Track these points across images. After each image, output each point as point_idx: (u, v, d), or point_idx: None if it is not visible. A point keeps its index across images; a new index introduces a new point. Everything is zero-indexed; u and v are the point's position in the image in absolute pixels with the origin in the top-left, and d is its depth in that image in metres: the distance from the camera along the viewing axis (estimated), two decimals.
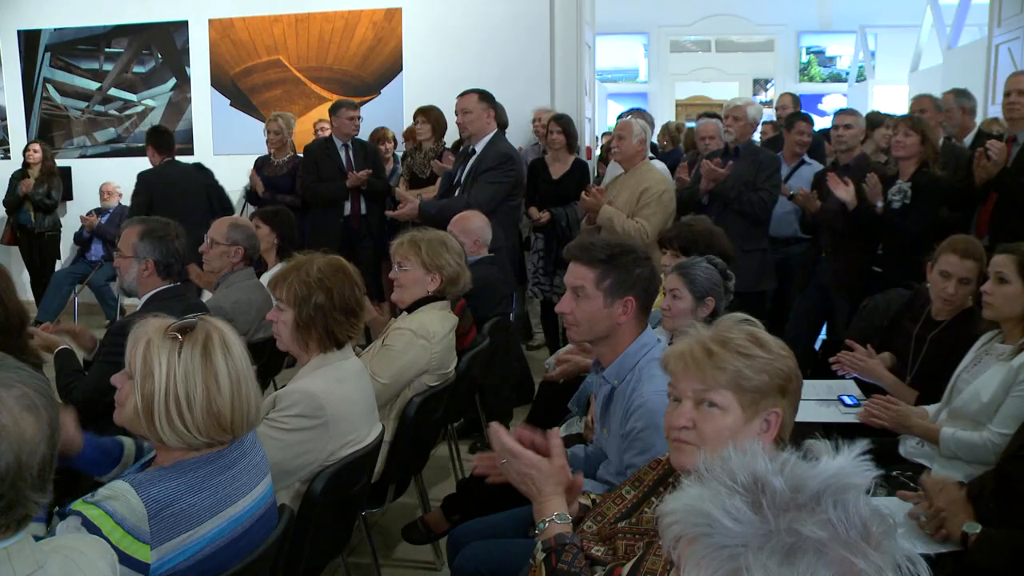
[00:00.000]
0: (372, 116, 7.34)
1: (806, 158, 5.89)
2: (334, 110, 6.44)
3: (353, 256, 4.64)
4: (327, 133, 6.99)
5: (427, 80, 7.49)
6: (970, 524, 2.33)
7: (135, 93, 8.59)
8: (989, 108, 7.44)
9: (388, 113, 7.72)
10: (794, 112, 6.43)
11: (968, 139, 5.75)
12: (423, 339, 3.32)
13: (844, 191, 4.62)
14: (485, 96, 5.24)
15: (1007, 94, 4.54)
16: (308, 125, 7.89)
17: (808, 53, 15.66)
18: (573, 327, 2.53)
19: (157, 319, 1.88)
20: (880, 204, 4.54)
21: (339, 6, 7.92)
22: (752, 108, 5.33)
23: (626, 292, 2.46)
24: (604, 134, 8.95)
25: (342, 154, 6.43)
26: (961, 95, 5.84)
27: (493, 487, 2.44)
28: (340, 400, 2.58)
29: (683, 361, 1.74)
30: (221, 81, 8.30)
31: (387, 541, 3.76)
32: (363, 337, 4.51)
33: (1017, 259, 2.94)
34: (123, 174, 8.27)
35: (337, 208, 6.37)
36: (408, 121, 7.21)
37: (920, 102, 5.70)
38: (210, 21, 8.23)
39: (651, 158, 5.62)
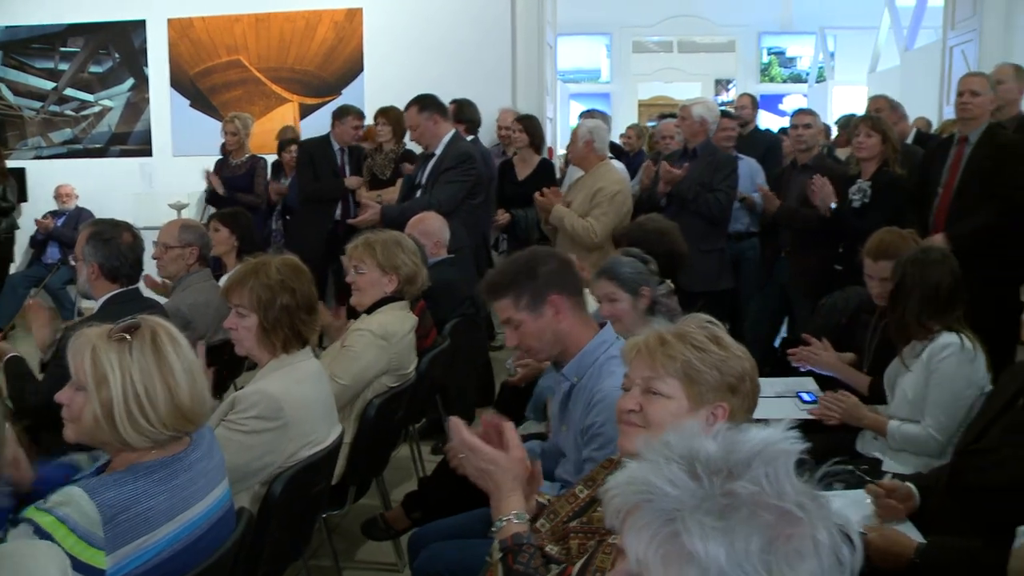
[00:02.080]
0: None
1: (740, 155, 5.96)
2: (340, 115, 6.41)
3: (336, 259, 4.60)
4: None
5: (388, 80, 7.47)
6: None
7: (92, 93, 8.48)
8: (944, 109, 7.58)
9: None
10: (721, 111, 6.50)
11: (909, 139, 5.89)
12: (382, 340, 3.31)
13: (827, 194, 4.68)
14: (425, 105, 5.22)
15: (959, 95, 4.61)
16: (269, 126, 7.84)
17: (769, 54, 15.82)
18: (531, 353, 2.58)
19: (94, 328, 1.86)
20: (834, 206, 4.60)
21: (300, 6, 7.88)
22: (699, 107, 5.35)
23: (545, 296, 2.45)
24: None
25: (338, 157, 6.43)
26: (890, 99, 6.00)
27: (454, 486, 2.44)
28: (299, 401, 2.57)
29: (637, 349, 1.80)
30: (180, 81, 8.22)
31: (349, 543, 3.75)
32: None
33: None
34: (79, 176, 8.18)
35: (328, 210, 6.35)
36: (369, 121, 7.18)
37: (876, 102, 5.82)
38: (169, 20, 8.15)
39: (611, 158, 5.64)
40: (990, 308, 3.00)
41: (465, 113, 6.35)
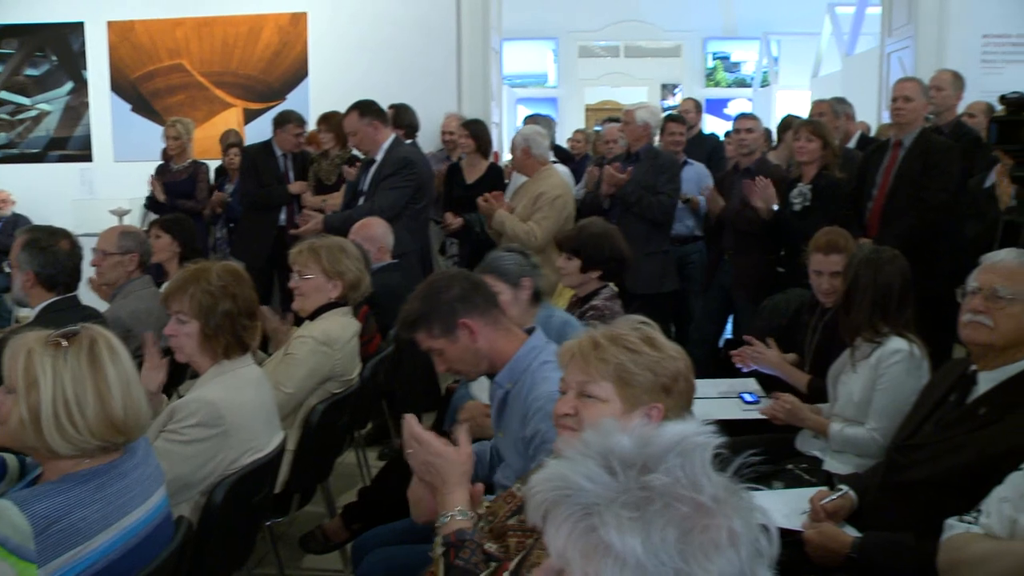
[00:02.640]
0: None
1: (688, 159, 6.04)
2: (281, 122, 6.37)
3: (282, 265, 4.57)
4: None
5: (333, 85, 7.42)
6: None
7: (28, 97, 8.29)
8: (883, 114, 7.73)
9: None
10: (667, 115, 6.58)
11: (852, 142, 5.99)
12: (325, 346, 3.30)
13: (760, 200, 4.74)
14: (365, 111, 5.19)
15: (893, 100, 4.71)
16: (212, 131, 7.75)
17: (714, 59, 16.03)
18: (462, 375, 2.62)
19: (34, 332, 1.84)
20: (775, 208, 4.68)
21: (243, 10, 7.80)
22: (642, 112, 5.42)
23: (454, 322, 2.44)
24: None
25: (281, 164, 6.38)
26: (840, 102, 6.08)
27: (396, 494, 2.44)
28: (240, 408, 2.55)
29: (570, 353, 1.82)
30: (121, 85, 8.08)
31: (294, 551, 3.72)
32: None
33: (848, 256, 3.30)
34: (16, 181, 8.01)
35: (272, 216, 6.30)
36: (314, 126, 7.14)
37: (819, 106, 5.91)
38: (108, 23, 8.00)
39: (555, 162, 5.67)
40: (926, 310, 3.07)
41: (403, 118, 6.33)
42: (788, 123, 6.00)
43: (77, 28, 8.09)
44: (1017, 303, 2.35)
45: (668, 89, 16.26)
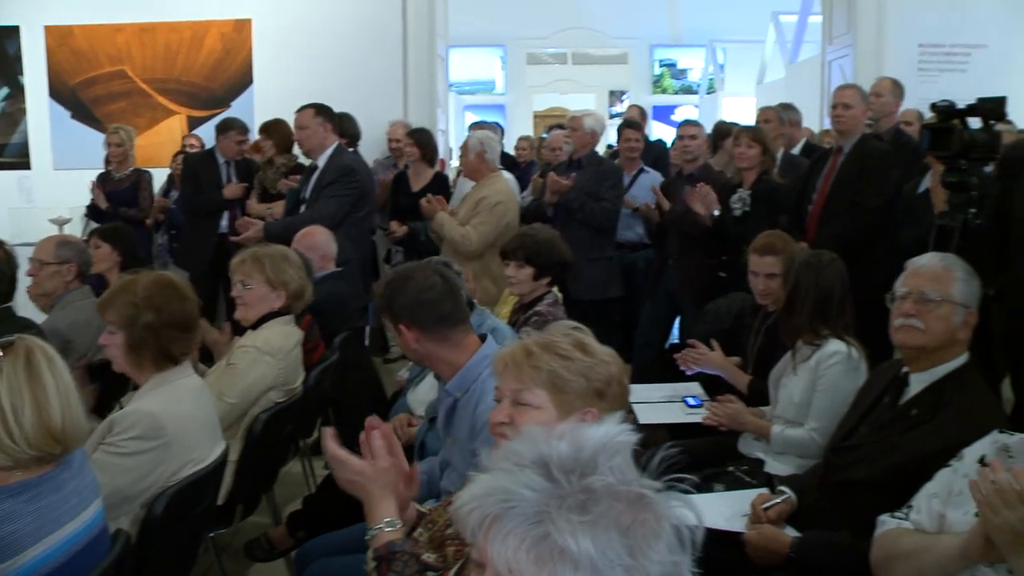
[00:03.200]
0: None
1: (645, 167, 6.11)
2: (223, 129, 6.34)
3: (226, 273, 4.53)
4: (196, 148, 6.92)
5: (279, 92, 7.33)
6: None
7: None
8: (825, 120, 7.86)
9: None
10: (623, 121, 6.65)
11: (797, 149, 6.09)
12: (268, 355, 3.28)
13: (702, 206, 4.80)
14: (322, 110, 5.20)
15: (833, 107, 4.78)
16: (156, 138, 7.65)
17: (661, 66, 16.21)
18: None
19: None
20: (716, 213, 4.74)
21: (186, 16, 7.69)
22: (590, 119, 5.48)
23: (397, 322, 2.55)
24: None
25: (222, 171, 6.32)
26: (787, 109, 6.18)
27: (340, 501, 2.44)
28: (180, 419, 2.54)
29: (503, 362, 1.84)
30: (60, 92, 7.91)
31: (239, 562, 3.68)
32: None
33: (783, 258, 3.41)
34: None
35: (213, 223, 6.23)
36: (258, 134, 7.09)
37: (765, 113, 5.99)
38: (46, 28, 7.80)
39: (502, 169, 5.69)
40: (863, 314, 3.13)
41: (346, 127, 6.31)
42: (723, 130, 6.07)
43: (12, 32, 7.89)
44: (945, 305, 2.42)
45: (616, 96, 16.40)
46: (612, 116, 14.72)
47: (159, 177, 7.15)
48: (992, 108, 3.42)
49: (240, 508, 3.22)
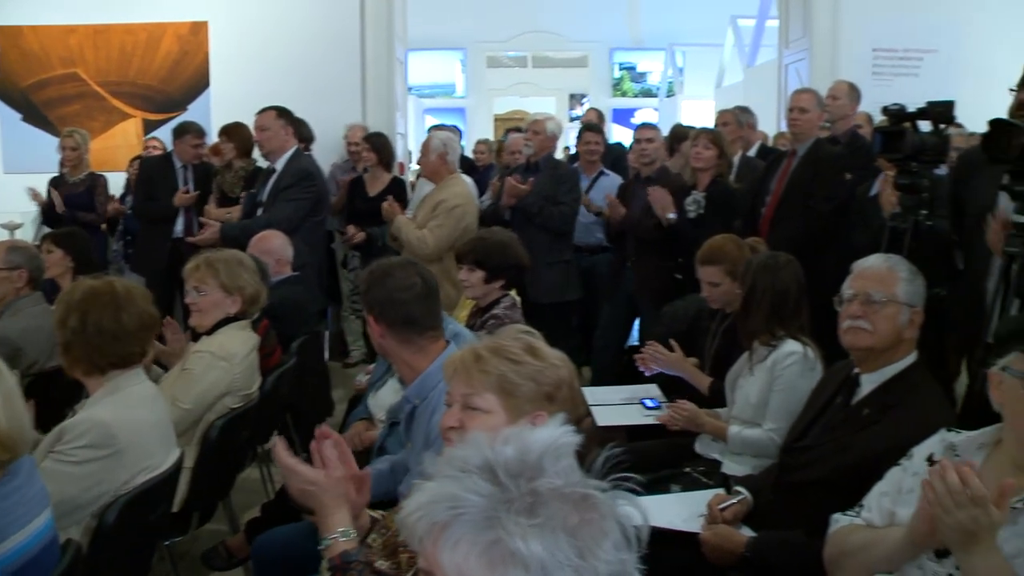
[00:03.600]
0: None
1: (605, 170, 6.14)
2: (179, 133, 6.29)
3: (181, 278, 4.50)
4: (158, 151, 6.82)
5: (236, 96, 7.27)
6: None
7: None
8: (782, 123, 7.95)
9: None
10: (584, 124, 6.67)
11: (752, 151, 6.15)
12: (223, 360, 3.24)
13: (664, 208, 4.83)
14: (283, 113, 5.20)
15: (790, 110, 4.84)
16: (111, 142, 7.55)
17: (621, 69, 16.31)
18: None
19: None
20: (672, 216, 4.77)
21: (141, 18, 7.58)
22: (551, 123, 5.50)
23: (369, 313, 2.59)
24: None
25: (179, 175, 6.26)
26: (743, 112, 6.25)
27: (298, 509, 2.43)
28: (133, 426, 2.51)
29: (453, 367, 1.84)
30: (11, 94, 7.76)
31: (196, 571, 3.64)
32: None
33: (724, 267, 3.49)
34: None
35: (167, 227, 6.16)
36: (216, 137, 7.01)
37: (723, 116, 6.04)
38: None
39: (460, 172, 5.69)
40: (816, 316, 3.17)
41: (300, 132, 6.30)
42: (680, 133, 6.11)
43: None
44: (891, 305, 2.45)
45: (576, 99, 16.47)
46: (572, 119, 14.78)
47: (114, 181, 7.05)
48: (941, 112, 3.48)
49: (196, 516, 3.19)
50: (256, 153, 6.29)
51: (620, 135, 12.21)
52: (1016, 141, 2.65)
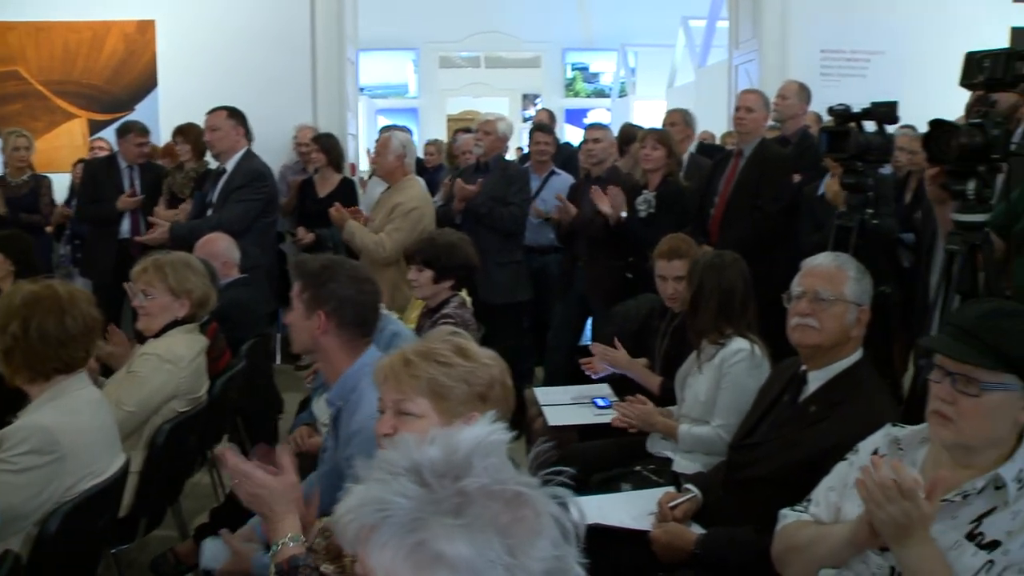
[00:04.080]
0: None
1: (556, 169, 6.15)
2: (122, 132, 6.21)
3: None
4: (105, 152, 6.70)
5: (184, 96, 7.16)
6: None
7: None
8: (732, 124, 8.03)
9: None
10: (534, 125, 6.69)
11: (692, 147, 6.19)
12: (170, 363, 3.20)
13: (607, 205, 4.84)
14: (234, 113, 5.16)
15: (736, 110, 4.89)
16: (55, 142, 7.39)
17: (573, 69, 16.36)
18: (292, 338, 2.59)
19: None
20: (624, 214, 4.80)
21: (85, 16, 7.41)
22: (502, 123, 5.49)
23: (318, 306, 2.49)
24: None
25: (125, 176, 6.17)
26: (684, 113, 6.30)
27: (248, 513, 2.40)
28: (76, 432, 2.46)
29: (383, 373, 1.83)
30: None
31: None
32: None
33: (690, 261, 3.45)
34: None
35: (112, 230, 6.07)
36: (164, 138, 6.93)
37: (671, 116, 6.08)
38: None
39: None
40: (765, 314, 3.21)
41: None
42: (629, 133, 6.14)
43: None
44: (838, 304, 2.49)
45: (529, 99, 16.50)
46: (526, 119, 14.80)
47: (59, 182, 6.93)
48: (885, 112, 3.54)
49: (144, 522, 3.15)
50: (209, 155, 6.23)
51: (573, 135, 12.24)
52: (955, 141, 2.70)
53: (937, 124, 2.80)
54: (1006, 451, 1.80)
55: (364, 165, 8.93)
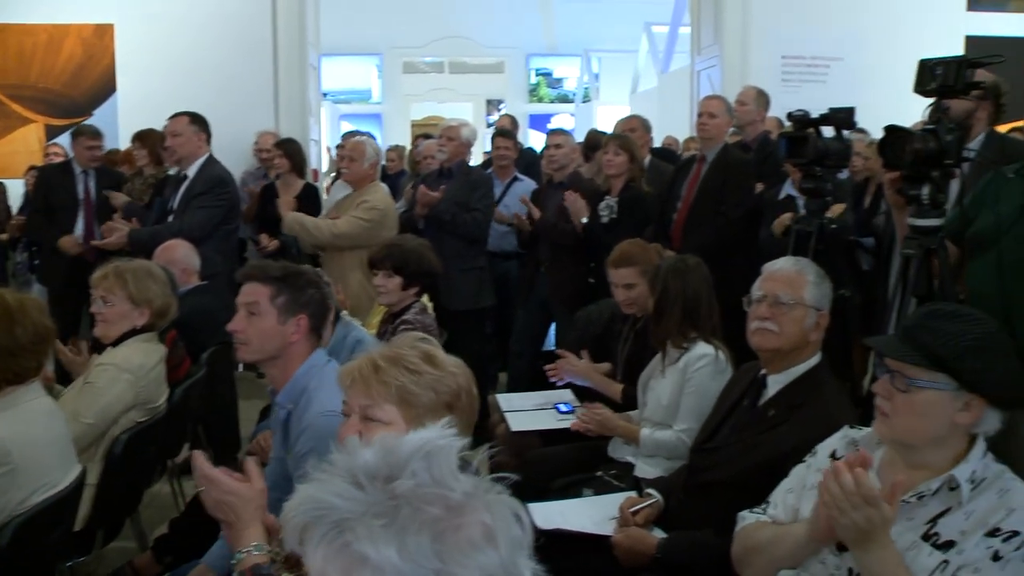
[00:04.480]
0: None
1: (519, 175, 6.16)
2: (74, 136, 6.14)
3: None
4: (60, 158, 6.61)
5: (144, 101, 7.08)
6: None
7: None
8: (695, 129, 8.08)
9: None
10: (495, 130, 6.69)
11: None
12: (128, 373, 3.16)
13: (579, 209, 4.85)
14: (196, 119, 5.11)
15: (699, 115, 4.93)
16: (9, 147, 7.29)
17: (537, 75, 16.36)
18: (243, 346, 2.54)
19: None
20: (585, 220, 4.81)
21: (41, 18, 7.31)
22: (466, 129, 5.49)
23: (299, 310, 2.50)
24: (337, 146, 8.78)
25: (80, 181, 6.07)
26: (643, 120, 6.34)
27: (209, 523, 2.36)
28: (29, 443, 2.43)
29: (351, 377, 1.81)
30: None
31: None
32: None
33: (639, 268, 3.52)
34: None
35: (66, 235, 5.97)
36: (124, 143, 6.85)
37: (630, 122, 6.10)
38: None
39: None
40: (726, 318, 3.24)
41: None
42: (595, 139, 6.16)
43: None
44: (798, 307, 2.51)
45: (493, 104, 16.48)
46: (490, 125, 14.80)
47: (14, 188, 6.82)
48: (843, 118, 3.58)
49: (101, 534, 3.09)
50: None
51: (537, 141, 12.26)
52: (909, 147, 2.74)
53: (892, 130, 2.83)
54: (959, 453, 1.83)
55: (324, 168, 8.85)
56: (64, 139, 6.97)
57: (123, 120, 7.23)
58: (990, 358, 1.80)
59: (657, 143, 7.11)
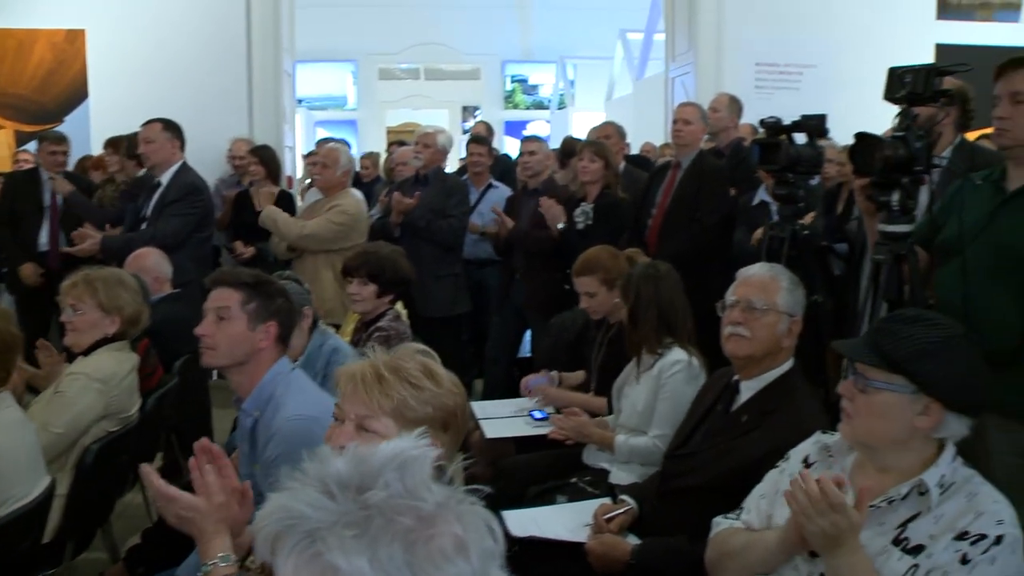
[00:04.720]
0: None
1: (494, 182, 6.16)
2: (39, 142, 6.12)
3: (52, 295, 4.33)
4: (30, 165, 6.52)
5: (116, 107, 7.01)
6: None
7: None
8: (669, 136, 8.11)
9: (73, 142, 7.15)
10: (470, 137, 6.70)
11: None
12: (99, 382, 3.12)
13: (555, 215, 4.86)
14: (170, 126, 5.08)
15: (674, 122, 4.93)
16: None
17: (513, 81, 16.38)
18: (210, 351, 2.53)
19: None
20: (561, 226, 4.82)
21: (10, 23, 7.23)
22: (442, 136, 5.50)
23: (269, 318, 2.50)
24: (308, 155, 8.74)
25: (47, 188, 6.03)
26: (618, 127, 6.37)
27: (181, 533, 2.34)
28: None
29: (353, 382, 1.77)
30: None
31: None
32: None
33: (599, 276, 3.59)
34: None
35: (31, 243, 5.94)
36: (96, 150, 6.79)
37: (604, 129, 6.12)
38: None
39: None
40: (700, 324, 3.25)
41: None
42: (570, 146, 6.18)
43: None
44: (771, 313, 2.53)
45: (469, 111, 16.49)
46: (465, 131, 14.80)
47: None
48: (815, 125, 3.61)
49: (71, 546, 3.05)
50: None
51: (513, 147, 12.27)
52: (879, 154, 2.76)
53: (862, 137, 2.86)
54: (928, 458, 1.84)
55: (299, 175, 8.81)
56: (33, 146, 6.90)
57: (95, 126, 7.16)
58: (945, 362, 1.81)
59: (634, 150, 7.13)
